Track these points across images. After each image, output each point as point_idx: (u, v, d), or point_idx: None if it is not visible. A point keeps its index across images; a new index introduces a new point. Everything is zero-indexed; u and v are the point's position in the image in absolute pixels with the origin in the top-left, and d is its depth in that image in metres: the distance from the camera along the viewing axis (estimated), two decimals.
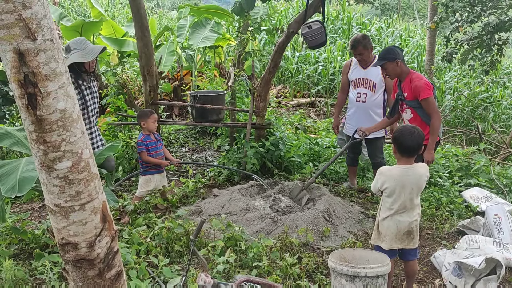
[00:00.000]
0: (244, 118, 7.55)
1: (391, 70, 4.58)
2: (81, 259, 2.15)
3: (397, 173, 3.29)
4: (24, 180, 3.22)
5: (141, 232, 4.20)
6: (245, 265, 3.75)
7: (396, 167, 3.35)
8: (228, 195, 5.19)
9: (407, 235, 3.31)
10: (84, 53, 4.38)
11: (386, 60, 4.53)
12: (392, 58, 4.50)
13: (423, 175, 3.31)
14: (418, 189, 3.31)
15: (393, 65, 4.53)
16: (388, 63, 4.53)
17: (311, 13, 5.44)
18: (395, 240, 3.32)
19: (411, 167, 3.30)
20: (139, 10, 5.75)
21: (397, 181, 3.26)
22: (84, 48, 4.39)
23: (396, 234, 3.30)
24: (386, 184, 3.30)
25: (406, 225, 3.29)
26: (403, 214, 3.29)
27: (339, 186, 5.85)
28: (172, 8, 29.11)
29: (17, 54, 1.80)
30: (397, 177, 3.28)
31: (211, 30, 10.21)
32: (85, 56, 4.37)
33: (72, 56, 4.34)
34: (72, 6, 22.80)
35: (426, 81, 4.47)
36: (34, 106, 1.87)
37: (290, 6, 16.59)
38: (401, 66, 4.54)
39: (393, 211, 3.29)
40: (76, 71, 4.43)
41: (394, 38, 14.91)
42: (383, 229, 3.35)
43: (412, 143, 3.25)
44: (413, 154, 3.31)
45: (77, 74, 4.44)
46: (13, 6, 1.75)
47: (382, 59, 4.57)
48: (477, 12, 8.49)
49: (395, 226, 3.30)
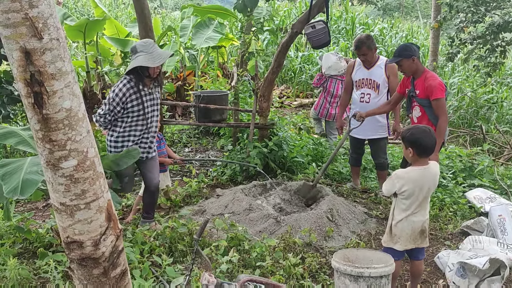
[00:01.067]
0: (247, 118, 7.55)
1: (406, 67, 4.55)
2: (86, 258, 2.15)
3: (416, 176, 3.26)
4: (27, 182, 3.21)
5: (145, 231, 4.20)
6: (249, 265, 3.75)
7: (413, 169, 3.30)
8: (231, 195, 5.19)
9: (420, 234, 3.32)
10: (151, 57, 4.08)
11: (403, 57, 4.51)
12: (408, 55, 4.47)
13: (437, 173, 3.34)
14: (433, 188, 3.35)
15: (409, 62, 4.50)
16: (404, 60, 4.51)
17: (314, 13, 5.44)
18: (409, 240, 3.32)
19: (427, 167, 3.29)
20: (143, 10, 5.76)
21: (416, 183, 3.25)
22: (151, 52, 4.10)
23: (411, 234, 3.31)
24: (404, 187, 3.25)
25: (420, 225, 3.30)
26: (417, 214, 3.29)
27: (342, 187, 5.85)
28: (175, 8, 29.12)
29: (24, 53, 1.81)
30: (416, 179, 3.25)
31: (214, 30, 10.21)
32: (151, 60, 4.07)
33: (138, 59, 4.08)
34: (76, 6, 22.85)
35: (440, 82, 4.45)
36: (40, 105, 1.88)
37: (293, 6, 16.59)
38: (417, 63, 4.52)
39: (409, 212, 3.28)
40: (139, 75, 4.13)
41: (398, 39, 14.89)
42: (397, 231, 3.33)
43: (431, 143, 3.25)
44: (430, 154, 3.31)
45: (139, 78, 4.14)
46: (19, 5, 1.76)
47: (398, 56, 4.55)
48: (482, 12, 8.48)
49: (410, 227, 3.29)
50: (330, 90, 7.22)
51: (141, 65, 4.06)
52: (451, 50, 9.16)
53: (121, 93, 4.11)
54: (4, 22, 1.77)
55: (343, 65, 7.04)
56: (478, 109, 9.92)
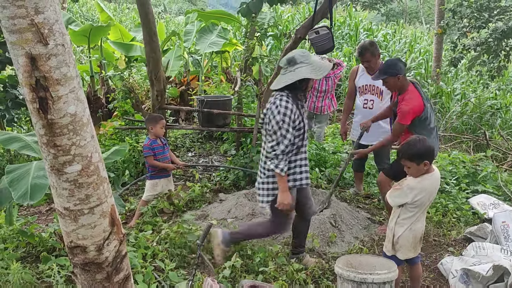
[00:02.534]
0: (250, 123, 7.56)
1: (391, 85, 4.52)
2: (89, 263, 2.16)
3: (427, 184, 3.27)
4: (36, 187, 3.23)
5: (148, 236, 4.20)
6: (251, 270, 3.75)
7: (424, 178, 3.28)
8: (234, 199, 5.20)
9: (420, 242, 3.36)
10: (313, 69, 3.66)
11: (388, 75, 4.45)
12: (394, 73, 4.41)
13: (439, 178, 3.37)
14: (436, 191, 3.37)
15: (394, 80, 4.44)
16: (390, 78, 4.45)
17: (318, 18, 5.45)
18: (410, 249, 3.34)
19: (434, 173, 3.31)
20: (147, 15, 5.79)
21: (427, 191, 3.27)
22: (311, 63, 3.68)
23: (412, 242, 3.33)
24: (418, 197, 3.25)
25: (420, 232, 3.33)
26: (416, 222, 3.31)
27: (345, 192, 5.85)
28: (179, 13, 29.23)
29: (29, 58, 1.82)
30: (428, 187, 3.26)
31: (218, 35, 10.25)
32: (314, 72, 3.66)
33: (301, 70, 3.61)
34: (81, 11, 22.96)
35: (413, 107, 4.34)
36: (45, 110, 1.89)
37: (296, 12, 16.63)
38: (402, 81, 4.45)
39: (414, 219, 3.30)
40: (296, 89, 3.69)
41: (401, 45, 14.90)
42: (400, 240, 3.34)
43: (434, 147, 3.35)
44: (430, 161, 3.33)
45: (295, 92, 3.71)
46: (25, 11, 1.77)
47: (384, 73, 4.48)
48: (485, 18, 8.49)
49: (412, 235, 3.31)
50: (315, 86, 7.45)
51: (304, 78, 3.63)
52: (454, 56, 9.16)
53: (289, 111, 3.54)
54: (10, 28, 1.79)
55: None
56: (482, 115, 9.89)
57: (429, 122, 4.40)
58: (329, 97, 7.58)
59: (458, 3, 8.72)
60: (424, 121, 4.38)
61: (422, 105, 4.36)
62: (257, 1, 5.05)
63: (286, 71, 3.64)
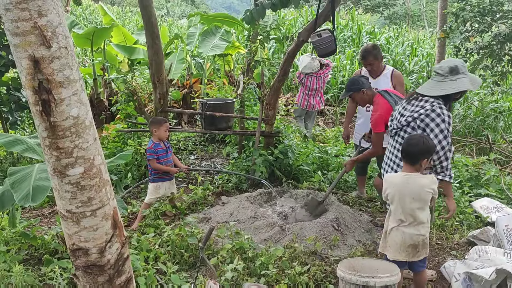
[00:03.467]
0: (253, 126, 7.56)
1: (359, 100, 4.73)
2: (91, 265, 2.16)
3: (397, 180, 3.37)
4: (38, 189, 3.24)
5: (150, 239, 4.20)
6: (253, 273, 3.74)
7: (397, 174, 3.44)
8: (236, 202, 5.19)
9: (412, 248, 3.30)
10: (471, 81, 3.64)
11: (352, 91, 4.67)
12: (357, 88, 4.62)
13: (424, 186, 3.27)
14: (420, 201, 3.27)
15: (360, 95, 4.65)
16: (355, 94, 4.67)
17: (321, 22, 5.45)
18: (399, 251, 3.32)
19: (411, 175, 3.31)
20: (150, 18, 5.81)
21: (397, 188, 3.32)
22: (467, 74, 3.65)
23: (400, 245, 3.31)
24: (388, 190, 3.38)
25: (410, 238, 3.29)
26: (409, 226, 3.30)
27: (348, 195, 5.84)
28: (181, 16, 29.30)
29: (32, 61, 1.83)
30: (397, 184, 3.34)
31: (220, 38, 10.27)
32: (472, 84, 3.65)
33: (464, 81, 3.59)
34: (84, 14, 23.04)
35: (380, 113, 4.46)
36: (47, 113, 1.89)
37: (299, 15, 16.65)
38: (367, 94, 4.62)
39: (400, 222, 3.31)
40: (449, 99, 3.66)
41: (404, 47, 14.89)
42: (389, 239, 3.38)
43: (412, 150, 3.30)
44: (408, 160, 3.34)
45: (448, 100, 3.66)
46: (29, 14, 1.78)
47: (348, 91, 4.71)
48: (488, 22, 8.49)
49: (401, 237, 3.31)
50: (307, 85, 8.18)
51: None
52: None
53: (450, 120, 3.58)
54: (14, 31, 1.79)
55: (316, 64, 8.08)
56: (485, 118, 9.89)
57: None
58: (319, 95, 8.35)
59: (461, 7, 8.72)
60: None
61: (390, 108, 4.40)
62: (260, 8, 5.05)
63: (445, 79, 3.62)
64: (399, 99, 4.47)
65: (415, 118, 3.61)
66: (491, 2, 8.53)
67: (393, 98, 4.51)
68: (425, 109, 3.58)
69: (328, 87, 12.37)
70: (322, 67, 8.15)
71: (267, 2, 5.06)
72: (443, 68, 3.65)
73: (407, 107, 3.75)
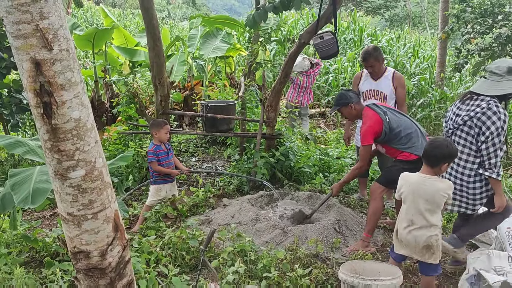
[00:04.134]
0: (254, 128, 7.56)
1: (347, 114, 4.66)
2: (93, 268, 2.15)
3: (413, 180, 3.37)
4: (37, 191, 3.23)
5: (151, 241, 4.19)
6: (255, 275, 3.73)
7: (415, 174, 3.42)
8: (238, 205, 5.19)
9: (426, 249, 3.32)
10: None
11: (340, 106, 4.60)
12: (345, 103, 4.55)
13: (440, 189, 3.27)
14: (432, 204, 3.28)
15: (348, 109, 4.58)
16: (343, 108, 4.60)
17: (322, 24, 5.45)
18: (415, 251, 3.35)
19: (429, 177, 3.32)
20: (152, 20, 5.80)
21: (411, 188, 3.34)
22: None
23: (415, 247, 3.34)
24: (402, 189, 3.40)
25: (423, 240, 3.30)
26: (420, 230, 3.31)
27: (349, 197, 5.82)
28: (183, 18, 29.34)
29: (34, 63, 1.82)
30: (412, 183, 3.35)
31: (222, 41, 10.28)
32: None
33: None
34: (85, 16, 23.08)
35: (369, 125, 4.40)
36: (49, 115, 1.89)
37: (300, 17, 16.66)
38: (356, 108, 4.56)
39: (409, 223, 3.34)
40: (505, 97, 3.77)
41: (405, 49, 14.89)
42: (403, 239, 3.40)
43: (433, 153, 3.31)
44: (429, 163, 3.34)
45: (503, 100, 3.79)
46: (30, 16, 1.77)
47: (336, 105, 4.64)
48: (489, 24, 8.48)
49: (414, 239, 3.33)
50: (298, 83, 8.65)
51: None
52: (458, 61, 9.15)
53: (506, 117, 3.64)
54: (15, 33, 1.79)
55: (307, 64, 8.54)
56: None
57: (399, 130, 4.37)
58: (308, 92, 8.84)
59: (462, 9, 8.71)
60: (394, 132, 4.37)
61: (379, 120, 4.38)
62: (262, 11, 5.06)
63: (503, 79, 3.70)
64: (388, 110, 4.49)
65: (471, 117, 3.68)
66: (492, 4, 8.51)
67: (382, 109, 4.48)
68: (481, 107, 3.66)
69: (329, 89, 12.38)
70: (313, 66, 8.60)
71: (269, 5, 5.06)
72: (500, 68, 3.73)
73: (462, 107, 3.83)
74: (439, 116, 10.69)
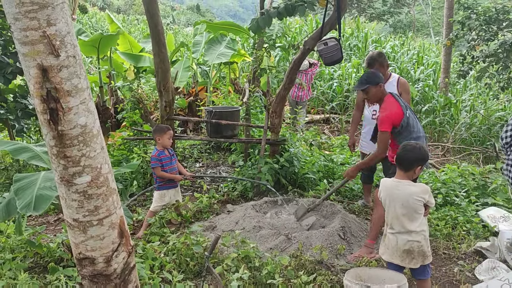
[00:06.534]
0: (258, 134, 7.56)
1: (373, 94, 4.46)
2: (98, 274, 2.15)
3: (388, 184, 3.44)
4: (41, 198, 3.22)
5: (155, 247, 4.19)
6: (259, 282, 3.72)
7: (390, 179, 3.49)
8: (242, 211, 5.18)
9: (407, 254, 3.32)
10: None
11: (370, 84, 4.41)
12: (376, 81, 4.40)
13: (413, 194, 3.27)
14: (408, 208, 3.28)
15: (376, 89, 4.41)
16: (371, 87, 4.41)
17: (327, 30, 5.46)
18: (395, 255, 3.37)
19: (401, 181, 3.35)
20: (157, 26, 5.83)
21: (387, 192, 3.40)
22: None
23: (396, 250, 3.35)
24: (381, 194, 3.47)
25: (404, 243, 3.31)
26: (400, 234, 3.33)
27: (353, 204, 5.81)
28: (187, 24, 29.43)
29: (41, 70, 1.83)
30: (388, 188, 3.41)
31: (226, 47, 10.31)
32: None
33: None
34: (90, 22, 23.19)
35: (389, 113, 4.32)
36: (55, 121, 1.90)
37: (304, 23, 16.69)
38: (382, 90, 4.45)
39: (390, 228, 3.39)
40: None
41: (410, 55, 14.88)
42: (386, 241, 3.45)
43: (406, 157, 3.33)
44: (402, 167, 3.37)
45: None
46: (37, 23, 1.78)
47: (366, 83, 4.42)
48: (494, 31, 8.47)
49: (395, 242, 3.36)
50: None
51: None
52: (463, 68, 9.14)
53: None
54: (22, 40, 1.80)
55: (305, 63, 9.50)
56: (491, 127, 9.84)
57: (412, 129, 4.35)
58: (306, 88, 9.81)
59: (467, 16, 8.71)
60: (408, 129, 4.34)
61: (401, 112, 4.33)
62: (266, 16, 5.06)
63: None
64: (409, 107, 4.47)
65: None
66: (497, 11, 8.51)
67: (404, 103, 4.46)
68: None
69: (333, 95, 12.39)
70: (311, 66, 9.75)
71: (273, 11, 5.07)
72: None
73: None
74: (443, 122, 10.67)
